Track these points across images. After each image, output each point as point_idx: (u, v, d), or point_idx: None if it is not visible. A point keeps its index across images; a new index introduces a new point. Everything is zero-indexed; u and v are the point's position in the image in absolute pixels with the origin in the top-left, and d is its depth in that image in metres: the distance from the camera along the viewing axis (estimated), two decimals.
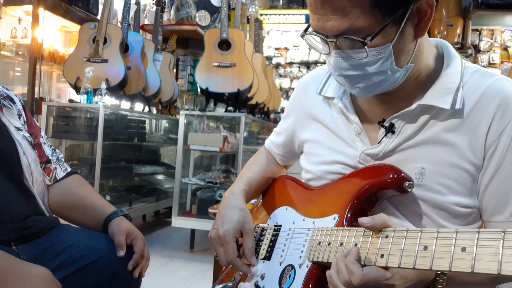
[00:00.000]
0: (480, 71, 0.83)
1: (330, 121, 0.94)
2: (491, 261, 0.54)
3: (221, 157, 4.15)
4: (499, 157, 0.77)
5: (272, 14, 6.17)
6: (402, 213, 0.82)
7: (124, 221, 1.18)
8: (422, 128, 0.81)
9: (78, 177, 1.30)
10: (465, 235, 0.59)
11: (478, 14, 5.20)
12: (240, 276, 0.97)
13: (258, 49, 4.33)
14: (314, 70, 1.06)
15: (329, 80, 0.96)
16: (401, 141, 0.83)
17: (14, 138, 1.11)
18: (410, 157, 0.81)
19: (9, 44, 3.56)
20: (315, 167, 0.95)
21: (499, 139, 0.76)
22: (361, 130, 0.87)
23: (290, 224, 0.93)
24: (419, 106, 0.80)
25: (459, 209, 0.79)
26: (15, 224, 1.04)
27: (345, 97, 0.91)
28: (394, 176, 0.78)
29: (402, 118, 0.83)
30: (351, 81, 0.79)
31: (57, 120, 3.12)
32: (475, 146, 0.78)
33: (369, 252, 0.70)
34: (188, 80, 4.37)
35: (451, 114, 0.79)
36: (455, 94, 0.79)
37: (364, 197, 0.81)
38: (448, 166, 0.79)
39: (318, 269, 0.81)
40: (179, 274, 2.75)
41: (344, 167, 0.89)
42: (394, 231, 0.68)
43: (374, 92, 0.82)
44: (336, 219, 0.83)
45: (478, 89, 0.79)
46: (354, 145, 0.88)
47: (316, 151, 0.96)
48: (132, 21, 3.75)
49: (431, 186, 0.79)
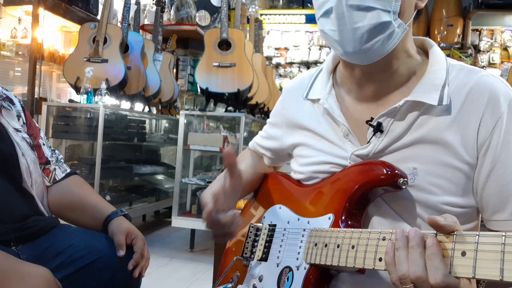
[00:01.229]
0: (466, 68, 0.83)
1: (316, 125, 0.92)
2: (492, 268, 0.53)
3: (221, 157, 4.14)
4: (494, 154, 0.76)
5: (272, 14, 6.17)
6: (397, 213, 0.82)
7: (124, 221, 1.18)
8: (412, 127, 0.81)
9: (77, 177, 1.30)
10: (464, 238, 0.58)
11: (478, 14, 5.19)
12: (238, 278, 0.96)
13: (258, 49, 4.33)
14: (298, 76, 1.04)
15: (315, 83, 0.95)
16: (391, 140, 0.82)
17: (13, 139, 1.11)
18: (401, 158, 0.80)
19: (9, 44, 3.56)
20: (305, 168, 0.94)
21: (491, 136, 0.76)
22: (349, 131, 0.86)
23: (285, 224, 0.92)
24: (406, 102, 0.80)
25: (453, 209, 0.78)
26: (15, 224, 1.04)
27: (330, 97, 0.89)
28: (388, 173, 0.77)
29: (390, 115, 0.82)
30: (353, 17, 0.75)
31: (57, 120, 3.13)
32: (467, 144, 0.77)
33: (366, 255, 0.69)
34: (188, 80, 4.37)
35: (440, 111, 0.79)
36: (441, 90, 0.78)
37: (358, 195, 0.80)
38: (440, 165, 0.78)
39: (316, 271, 0.80)
40: (179, 274, 2.75)
41: (334, 167, 0.88)
42: (392, 232, 0.66)
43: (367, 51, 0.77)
44: (331, 219, 0.82)
45: (465, 86, 0.79)
46: (344, 147, 0.87)
47: (305, 153, 0.94)
48: (132, 21, 3.76)
49: (423, 186, 0.78)
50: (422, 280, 0.59)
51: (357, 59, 0.81)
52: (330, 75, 0.94)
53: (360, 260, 0.69)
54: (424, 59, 0.85)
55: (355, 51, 0.78)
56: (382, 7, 0.74)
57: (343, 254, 0.73)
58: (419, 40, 0.88)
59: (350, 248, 0.72)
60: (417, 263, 0.59)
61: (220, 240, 0.93)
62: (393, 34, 0.77)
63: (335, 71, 0.95)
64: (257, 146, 1.13)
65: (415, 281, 0.59)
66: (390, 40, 0.77)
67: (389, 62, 0.81)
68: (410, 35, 0.83)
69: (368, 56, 0.79)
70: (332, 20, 0.77)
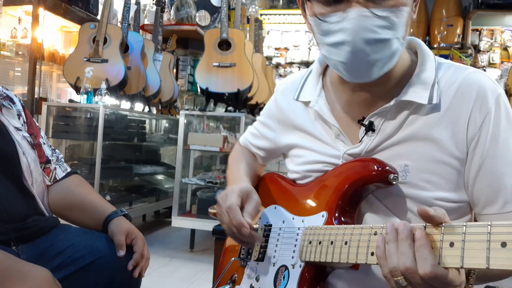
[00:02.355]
0: (454, 65, 0.83)
1: (309, 126, 0.93)
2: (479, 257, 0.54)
3: (221, 157, 4.15)
4: (483, 149, 0.77)
5: (272, 14, 6.16)
6: (389, 209, 0.83)
7: (124, 221, 1.18)
8: (402, 125, 0.81)
9: (78, 177, 1.30)
10: (452, 230, 0.59)
11: (478, 14, 5.19)
12: (235, 279, 0.97)
13: (258, 49, 4.33)
14: (289, 77, 1.04)
15: (305, 85, 0.95)
16: (382, 139, 0.82)
17: (13, 138, 1.11)
18: (393, 155, 0.81)
19: (9, 44, 3.56)
20: (299, 167, 0.95)
21: (480, 131, 0.77)
22: (340, 132, 0.86)
23: (280, 223, 0.93)
24: (397, 102, 0.80)
25: (445, 204, 0.78)
26: (15, 224, 1.04)
27: (320, 100, 0.90)
28: (378, 169, 0.78)
29: (381, 115, 0.82)
30: (370, 49, 0.73)
31: (57, 120, 3.13)
32: (457, 140, 0.78)
33: (359, 251, 0.69)
34: (188, 80, 4.37)
35: (430, 109, 0.80)
36: (431, 89, 0.79)
37: (350, 192, 0.81)
38: (431, 161, 0.79)
39: (311, 269, 0.81)
40: (179, 274, 2.76)
41: (327, 165, 0.89)
42: (382, 227, 0.67)
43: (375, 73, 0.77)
44: (324, 217, 0.83)
45: (454, 83, 0.80)
46: (336, 146, 0.88)
47: (299, 153, 0.95)
48: (132, 21, 3.76)
49: (415, 182, 0.79)
50: (412, 271, 0.59)
51: (358, 80, 0.81)
52: (319, 77, 0.94)
53: (353, 255, 0.70)
54: (414, 58, 0.86)
55: (361, 78, 0.79)
56: (394, 36, 0.74)
57: (336, 251, 0.74)
58: (407, 40, 0.87)
59: (343, 244, 0.73)
60: (406, 255, 0.60)
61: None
62: (397, 54, 0.78)
63: (325, 73, 0.95)
64: (249, 145, 1.13)
65: (405, 272, 0.60)
66: (394, 58, 0.78)
67: (385, 75, 0.81)
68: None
69: (370, 78, 0.79)
70: (344, 53, 0.75)
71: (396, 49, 0.76)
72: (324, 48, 0.80)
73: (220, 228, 1.83)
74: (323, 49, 0.80)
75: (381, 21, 0.72)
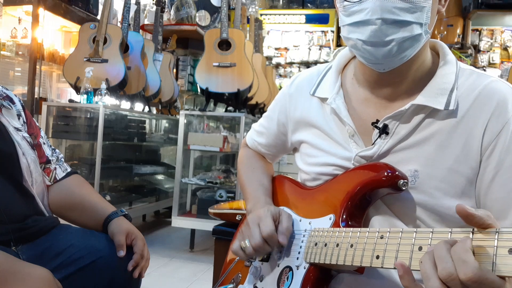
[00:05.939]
0: (476, 72, 0.82)
1: (323, 123, 0.92)
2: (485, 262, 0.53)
3: (221, 157, 4.15)
4: (498, 159, 0.75)
5: (272, 14, 6.16)
6: (396, 215, 0.82)
7: (124, 221, 1.17)
8: (417, 128, 0.80)
9: (78, 177, 1.29)
10: (459, 235, 0.58)
11: (478, 14, 5.19)
12: (239, 278, 0.97)
13: (258, 49, 4.33)
14: (307, 71, 1.03)
15: (323, 81, 0.95)
16: (395, 142, 0.81)
17: (13, 138, 1.11)
18: (404, 159, 0.80)
19: (9, 44, 3.56)
20: (310, 168, 0.94)
21: (497, 140, 0.75)
22: (355, 132, 0.86)
23: None
24: (412, 106, 0.79)
25: (453, 213, 0.76)
26: (15, 224, 1.04)
27: (338, 98, 0.89)
28: (388, 174, 0.77)
29: (396, 118, 0.82)
30: (388, 29, 0.73)
31: (57, 120, 3.13)
32: (471, 148, 0.77)
33: (364, 253, 0.69)
34: (188, 80, 4.37)
35: (446, 115, 0.79)
36: (449, 95, 0.78)
37: (358, 196, 0.81)
38: (442, 168, 0.77)
39: (316, 271, 0.80)
40: (179, 274, 2.75)
41: (338, 169, 0.88)
42: (389, 231, 0.67)
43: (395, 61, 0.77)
44: (332, 219, 0.82)
45: (474, 90, 0.79)
46: (348, 147, 0.87)
47: (310, 152, 0.95)
48: (132, 21, 3.75)
49: (424, 188, 0.78)
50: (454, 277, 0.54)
51: (378, 67, 0.81)
52: (339, 75, 0.94)
53: (358, 258, 0.70)
54: (436, 61, 0.85)
55: (380, 62, 0.78)
56: (416, 21, 0.74)
57: (341, 253, 0.73)
58: (431, 42, 0.87)
59: (349, 246, 0.72)
60: (445, 260, 0.55)
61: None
62: (421, 43, 0.77)
63: (343, 72, 0.95)
64: (257, 145, 1.12)
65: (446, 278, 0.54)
66: (417, 47, 0.77)
67: (407, 68, 0.81)
68: (428, 40, 0.82)
69: (390, 65, 0.79)
70: (364, 31, 0.76)
71: (417, 36, 0.75)
72: (345, 29, 0.80)
73: (220, 228, 1.84)
74: (344, 30, 0.80)
75: (402, 3, 0.73)
